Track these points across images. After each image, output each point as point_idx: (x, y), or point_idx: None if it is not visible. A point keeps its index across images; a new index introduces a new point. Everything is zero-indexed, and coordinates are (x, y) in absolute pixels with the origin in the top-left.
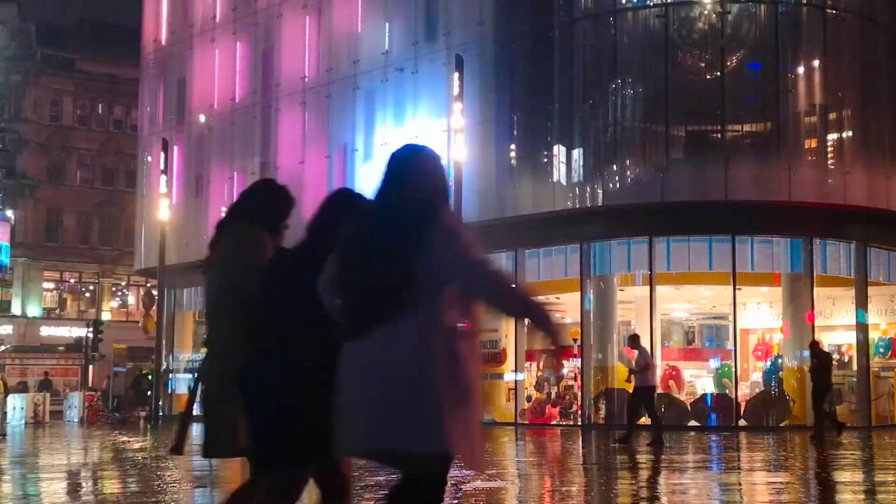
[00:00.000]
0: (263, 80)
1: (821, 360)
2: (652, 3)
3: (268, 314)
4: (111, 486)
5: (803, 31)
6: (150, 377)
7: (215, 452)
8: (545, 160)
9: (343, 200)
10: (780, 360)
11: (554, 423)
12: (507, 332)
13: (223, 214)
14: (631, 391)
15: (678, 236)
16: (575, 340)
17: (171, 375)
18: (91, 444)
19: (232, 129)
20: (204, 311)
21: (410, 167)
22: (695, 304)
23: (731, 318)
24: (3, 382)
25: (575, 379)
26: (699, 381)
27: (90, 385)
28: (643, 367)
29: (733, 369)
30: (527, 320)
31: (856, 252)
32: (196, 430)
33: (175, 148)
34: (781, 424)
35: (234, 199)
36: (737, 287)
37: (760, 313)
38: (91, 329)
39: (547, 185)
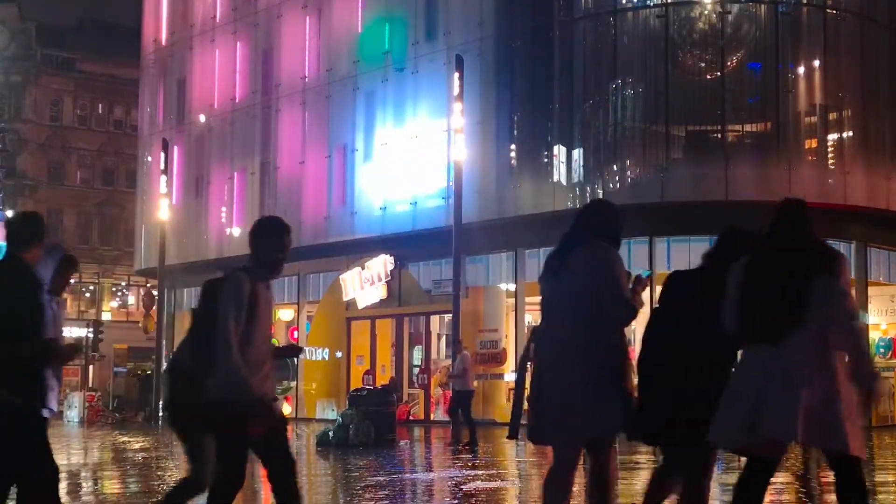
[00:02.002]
0: (263, 80)
1: None
2: (652, 3)
3: (670, 324)
4: (111, 486)
5: (803, 31)
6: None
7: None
8: (545, 160)
9: (735, 237)
10: None
11: None
12: (507, 333)
13: (573, 230)
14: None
15: (678, 236)
16: None
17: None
18: (91, 444)
19: (232, 129)
20: (552, 309)
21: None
22: None
23: None
24: None
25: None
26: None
27: (90, 385)
28: (461, 371)
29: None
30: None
31: (856, 252)
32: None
33: (175, 148)
34: None
35: (580, 216)
36: None
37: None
38: (91, 329)
39: (547, 185)
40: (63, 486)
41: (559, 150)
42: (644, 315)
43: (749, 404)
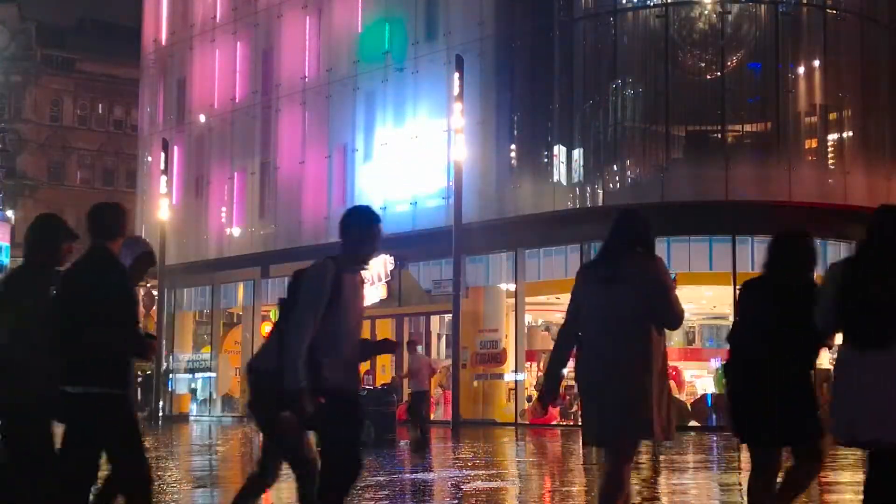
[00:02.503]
0: (263, 80)
1: None
2: (652, 3)
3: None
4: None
5: (803, 31)
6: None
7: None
8: (545, 160)
9: (793, 243)
10: None
11: (554, 423)
12: (507, 333)
13: (614, 240)
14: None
15: (678, 236)
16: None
17: (171, 375)
18: None
19: (232, 129)
20: (607, 318)
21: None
22: (695, 304)
23: (731, 318)
24: None
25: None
26: (699, 381)
27: None
28: (415, 371)
29: None
30: None
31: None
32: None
33: (175, 148)
34: None
35: (619, 227)
36: (737, 287)
37: None
38: None
39: (547, 185)
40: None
41: (559, 150)
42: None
43: (861, 403)
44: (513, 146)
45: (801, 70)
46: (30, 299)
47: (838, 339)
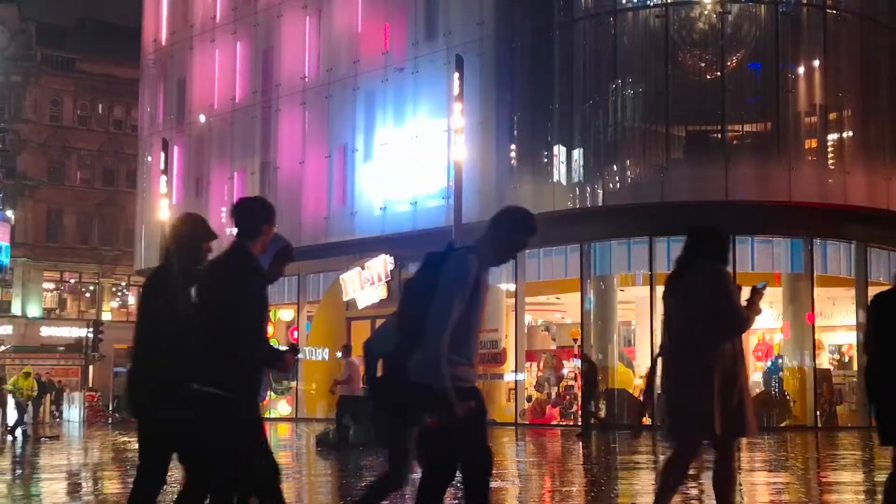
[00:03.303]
0: (263, 80)
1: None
2: (652, 3)
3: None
4: (111, 486)
5: (803, 31)
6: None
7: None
8: (545, 160)
9: None
10: (780, 361)
11: (554, 423)
12: (507, 333)
13: (685, 254)
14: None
15: (678, 236)
16: (575, 340)
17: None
18: (91, 444)
19: (232, 129)
20: (670, 321)
21: None
22: None
23: None
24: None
25: (575, 379)
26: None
27: (90, 385)
28: (347, 377)
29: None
30: None
31: (856, 252)
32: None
33: (175, 148)
34: (782, 424)
35: (689, 241)
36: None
37: (761, 313)
38: (91, 329)
39: (547, 185)
40: (63, 486)
41: (559, 150)
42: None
43: None
44: (513, 146)
45: (801, 70)
46: (165, 299)
47: None
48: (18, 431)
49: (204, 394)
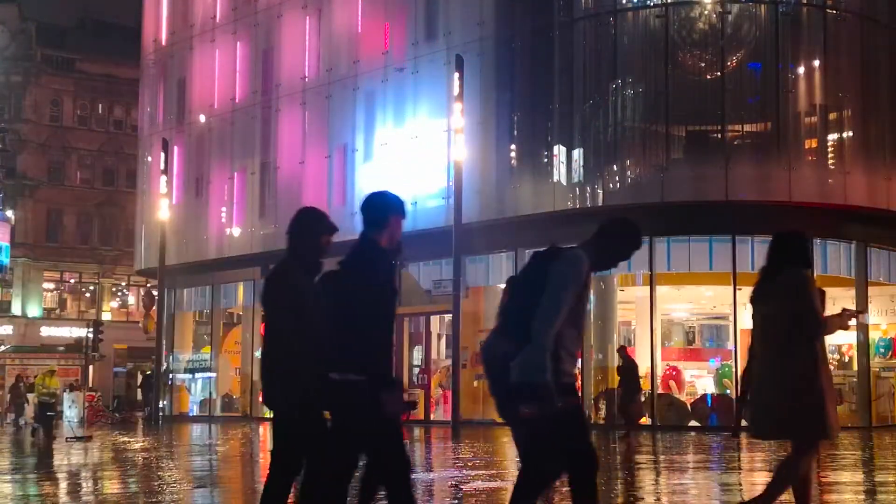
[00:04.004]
0: (263, 80)
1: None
2: (652, 3)
3: None
4: (111, 486)
5: (803, 31)
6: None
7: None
8: (545, 160)
9: None
10: None
11: None
12: None
13: (770, 260)
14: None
15: (678, 236)
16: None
17: (171, 375)
18: (91, 444)
19: (232, 129)
20: (766, 326)
21: None
22: (695, 304)
23: (731, 318)
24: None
25: (575, 379)
26: (699, 381)
27: (90, 385)
28: None
29: (734, 369)
30: None
31: (856, 252)
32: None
33: (175, 148)
34: None
35: (773, 247)
36: (737, 287)
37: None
38: (91, 329)
39: (547, 185)
40: (63, 487)
41: (559, 150)
42: None
43: None
44: (513, 146)
45: (801, 70)
46: (291, 292)
47: None
48: (33, 430)
49: (345, 382)
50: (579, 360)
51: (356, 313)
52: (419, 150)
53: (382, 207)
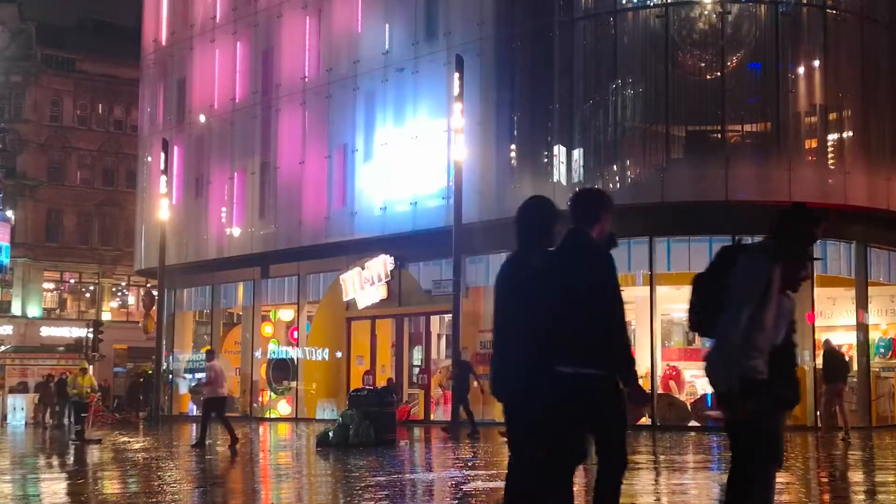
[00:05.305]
0: (263, 80)
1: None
2: (652, 3)
3: None
4: (111, 486)
5: (803, 31)
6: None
7: None
8: (545, 160)
9: None
10: None
11: None
12: None
13: None
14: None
15: (678, 236)
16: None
17: (170, 376)
18: (91, 444)
19: (232, 129)
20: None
21: None
22: None
23: None
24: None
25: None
26: (699, 381)
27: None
28: (210, 380)
29: None
30: None
31: (856, 252)
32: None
33: (175, 148)
34: None
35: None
36: None
37: None
38: (91, 329)
39: (547, 185)
40: (63, 487)
41: (559, 150)
42: None
43: None
44: (513, 146)
45: (801, 70)
46: (523, 285)
47: None
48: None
49: (582, 376)
50: None
51: (590, 308)
52: (419, 150)
53: (595, 203)
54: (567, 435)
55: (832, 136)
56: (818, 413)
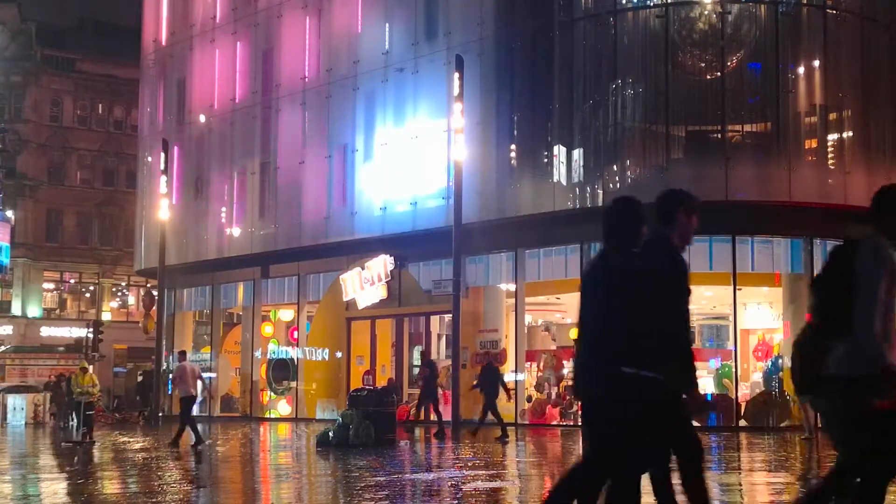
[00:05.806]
0: (263, 80)
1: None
2: (652, 3)
3: None
4: (111, 487)
5: (803, 31)
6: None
7: None
8: (545, 160)
9: None
10: (780, 361)
11: (554, 423)
12: (507, 333)
13: None
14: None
15: None
16: (576, 341)
17: (171, 376)
18: (90, 446)
19: (232, 129)
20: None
21: None
22: (695, 304)
23: (731, 318)
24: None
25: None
26: (699, 381)
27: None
28: (175, 379)
29: (734, 369)
30: None
31: None
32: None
33: (175, 148)
34: (782, 425)
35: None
36: (737, 287)
37: (761, 313)
38: (91, 329)
39: (547, 185)
40: (63, 486)
41: (559, 150)
42: None
43: None
44: (513, 146)
45: (801, 70)
46: (604, 285)
47: None
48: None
49: (642, 378)
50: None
51: (661, 314)
52: (419, 150)
53: (671, 201)
54: (631, 437)
55: (832, 136)
56: None
